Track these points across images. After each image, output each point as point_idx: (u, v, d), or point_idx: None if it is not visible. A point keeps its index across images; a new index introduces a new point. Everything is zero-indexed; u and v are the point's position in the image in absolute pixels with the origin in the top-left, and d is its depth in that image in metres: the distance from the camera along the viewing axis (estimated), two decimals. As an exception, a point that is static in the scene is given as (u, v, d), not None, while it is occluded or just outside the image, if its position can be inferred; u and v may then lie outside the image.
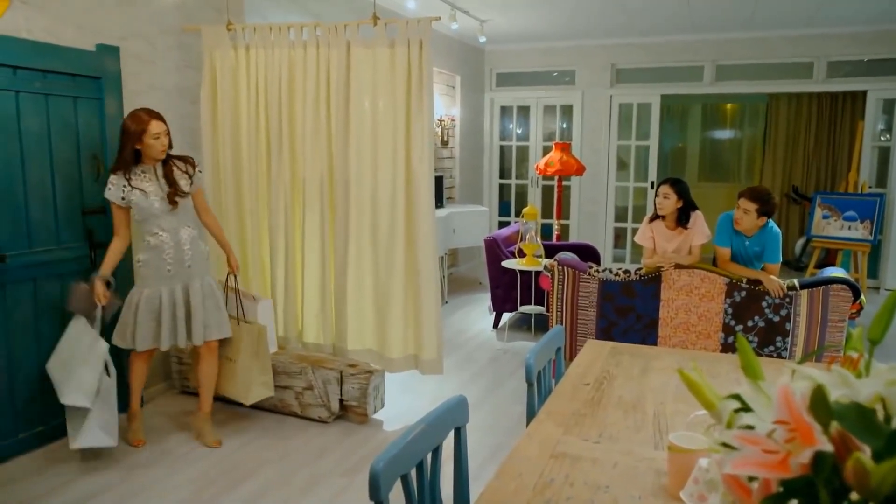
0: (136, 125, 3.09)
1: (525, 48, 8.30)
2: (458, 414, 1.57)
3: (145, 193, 3.15)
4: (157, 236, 3.19)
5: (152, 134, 3.10)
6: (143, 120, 3.10)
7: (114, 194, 3.14)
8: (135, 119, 3.10)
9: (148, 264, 3.20)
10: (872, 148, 7.46)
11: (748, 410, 0.78)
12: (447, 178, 7.56)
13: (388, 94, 3.62)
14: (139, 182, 3.16)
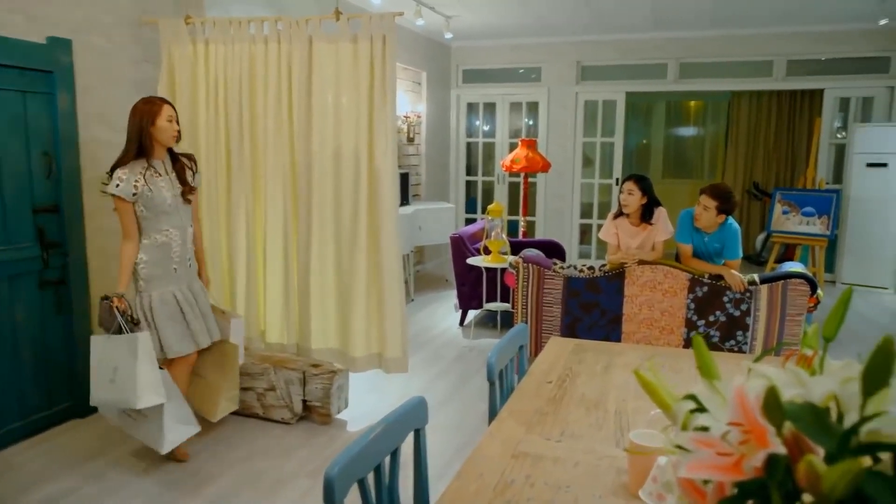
0: (148, 106, 2.96)
1: (491, 45, 8.29)
2: (418, 415, 1.54)
3: (158, 188, 2.97)
4: (166, 234, 3.04)
5: (166, 116, 2.96)
6: (155, 102, 2.98)
7: (124, 190, 2.90)
8: (147, 102, 2.98)
9: (154, 264, 3.01)
10: (829, 145, 7.63)
11: (704, 411, 0.77)
12: (413, 175, 7.52)
13: (350, 90, 3.57)
14: (150, 176, 2.97)
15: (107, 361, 2.92)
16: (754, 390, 0.69)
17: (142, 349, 2.85)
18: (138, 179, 2.93)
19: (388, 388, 4.10)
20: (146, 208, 2.97)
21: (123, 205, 2.94)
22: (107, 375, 2.90)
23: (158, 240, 3.02)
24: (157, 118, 2.95)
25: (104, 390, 2.92)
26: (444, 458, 3.18)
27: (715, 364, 0.80)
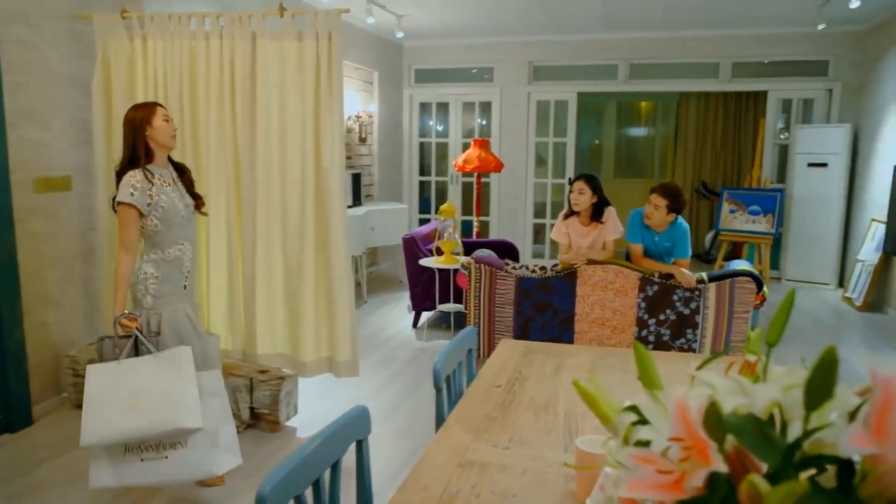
0: (140, 111, 2.73)
1: (444, 44, 8.25)
2: (360, 426, 1.48)
3: (171, 198, 2.71)
4: (180, 248, 2.77)
5: (161, 116, 2.73)
6: (146, 106, 2.77)
7: (139, 199, 2.61)
8: (137, 107, 2.76)
9: (165, 280, 2.72)
10: (773, 145, 7.82)
11: (646, 423, 0.73)
12: (365, 175, 7.42)
13: (296, 89, 3.48)
14: (162, 186, 2.70)
15: (118, 390, 2.48)
16: (696, 402, 0.65)
17: (185, 362, 2.52)
18: (152, 189, 2.66)
19: (339, 393, 4.02)
20: (160, 221, 2.69)
21: (132, 215, 2.63)
22: (118, 405, 2.45)
23: (171, 254, 2.74)
24: (153, 118, 2.72)
25: (110, 423, 2.44)
26: (395, 464, 3.12)
27: (657, 373, 0.76)
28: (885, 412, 0.59)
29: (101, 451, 2.51)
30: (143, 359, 2.54)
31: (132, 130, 2.71)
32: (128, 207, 2.62)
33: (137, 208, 2.62)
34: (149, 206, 2.65)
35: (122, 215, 2.64)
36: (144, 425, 2.43)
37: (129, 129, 2.72)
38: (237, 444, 2.66)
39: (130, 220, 2.64)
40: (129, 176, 2.64)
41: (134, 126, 2.71)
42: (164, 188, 2.71)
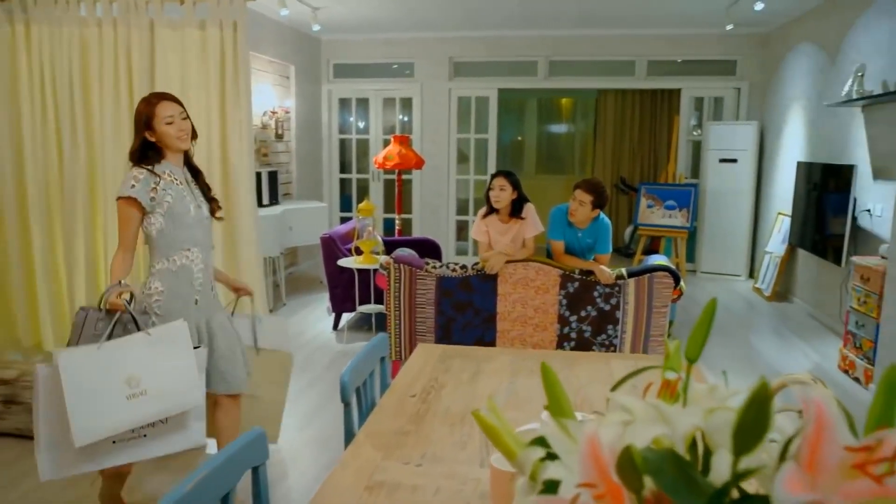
0: (144, 107, 2.43)
1: (363, 39, 8.07)
2: (255, 451, 1.34)
3: (181, 195, 2.43)
4: (187, 254, 2.45)
5: (162, 118, 2.40)
6: (150, 101, 2.44)
7: (140, 191, 2.33)
8: (142, 101, 2.47)
9: (172, 295, 2.42)
10: (687, 141, 8.05)
11: (555, 458, 0.64)
12: (283, 172, 7.17)
13: (200, 82, 3.27)
14: (169, 182, 2.42)
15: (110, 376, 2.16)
16: (610, 435, 0.56)
17: (181, 337, 2.26)
18: (156, 183, 2.38)
19: (253, 403, 3.81)
20: (165, 219, 2.39)
21: (132, 212, 2.35)
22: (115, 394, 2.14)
23: (177, 262, 2.43)
24: (153, 121, 2.40)
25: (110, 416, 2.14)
26: (311, 476, 2.97)
27: (567, 398, 0.67)
28: (818, 441, 0.51)
29: (59, 441, 2.16)
30: (130, 338, 2.22)
31: (137, 127, 2.45)
32: (127, 202, 2.33)
33: (139, 202, 2.33)
34: (152, 202, 2.36)
35: (122, 212, 2.36)
36: (152, 412, 2.17)
37: (135, 124, 2.47)
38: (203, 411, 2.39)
39: (128, 217, 2.36)
40: (132, 169, 2.39)
41: (139, 123, 2.44)
42: (172, 185, 2.42)
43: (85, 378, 2.12)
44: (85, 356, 2.14)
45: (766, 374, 1.73)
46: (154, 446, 2.28)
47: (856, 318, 4.36)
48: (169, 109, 2.42)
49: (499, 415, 0.65)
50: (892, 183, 4.41)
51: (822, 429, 0.50)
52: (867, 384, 4.12)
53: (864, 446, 0.50)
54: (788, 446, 0.51)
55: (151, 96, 2.47)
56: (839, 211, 5.17)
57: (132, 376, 2.16)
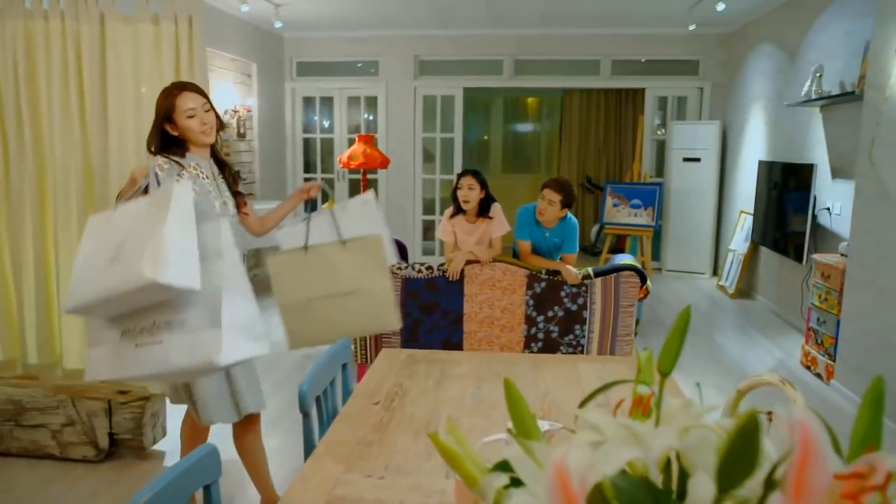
0: (164, 99, 2.27)
1: (327, 36, 7.96)
2: (206, 468, 1.27)
3: (205, 190, 2.25)
4: None
5: (183, 111, 2.24)
6: (169, 93, 2.27)
7: (163, 182, 2.13)
8: (161, 94, 2.31)
9: None
10: (651, 141, 8.11)
11: (520, 484, 0.59)
12: (246, 172, 7.03)
13: (154, 78, 3.14)
14: (194, 176, 2.25)
15: (105, 242, 1.90)
16: (579, 465, 0.51)
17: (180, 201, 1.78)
18: (181, 174, 2.20)
19: (214, 410, 3.70)
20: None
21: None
22: (102, 260, 1.87)
23: None
24: (174, 114, 2.24)
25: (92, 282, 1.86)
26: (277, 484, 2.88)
27: (533, 417, 0.62)
28: (805, 468, 0.47)
29: (99, 337, 1.96)
30: (138, 200, 1.98)
31: (156, 119, 2.30)
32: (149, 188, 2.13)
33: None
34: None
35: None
36: (115, 282, 1.81)
37: (155, 115, 2.31)
38: (263, 328, 1.82)
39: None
40: (155, 159, 2.22)
41: (158, 116, 2.29)
42: (198, 179, 2.26)
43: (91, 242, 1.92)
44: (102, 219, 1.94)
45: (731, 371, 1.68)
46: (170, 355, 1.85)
47: (817, 314, 4.42)
48: (190, 101, 2.26)
49: (458, 437, 0.60)
50: (850, 182, 4.48)
51: (808, 454, 0.46)
52: (828, 380, 4.18)
53: (854, 473, 0.45)
54: (774, 473, 0.47)
55: (172, 87, 2.30)
56: (800, 209, 5.24)
57: (124, 241, 1.85)
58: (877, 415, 0.54)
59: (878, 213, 3.75)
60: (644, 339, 5.05)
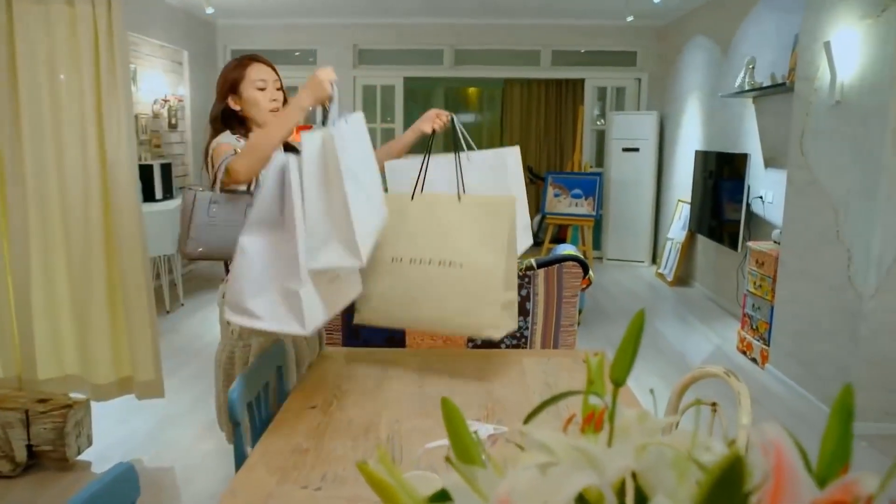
0: (229, 72, 2.04)
1: (262, 24, 7.71)
2: (123, 490, 1.16)
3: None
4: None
5: (253, 80, 2.01)
6: (239, 62, 2.05)
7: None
8: (229, 64, 2.09)
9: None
10: (591, 131, 8.18)
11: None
12: (178, 165, 6.75)
13: (70, 65, 2.94)
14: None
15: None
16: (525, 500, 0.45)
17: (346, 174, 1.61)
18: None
19: (144, 415, 3.52)
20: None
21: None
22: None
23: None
24: (241, 84, 2.01)
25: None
26: (206, 497, 2.76)
27: (474, 441, 0.56)
28: (778, 491, 0.42)
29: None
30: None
31: (220, 92, 2.06)
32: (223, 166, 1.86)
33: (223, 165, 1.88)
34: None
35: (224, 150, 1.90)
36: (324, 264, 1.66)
37: (218, 89, 2.07)
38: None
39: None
40: (222, 135, 1.97)
41: (222, 87, 2.05)
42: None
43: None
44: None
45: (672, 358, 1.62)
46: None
47: (752, 300, 4.53)
48: (262, 73, 2.04)
49: (390, 467, 0.53)
50: (781, 171, 4.59)
51: (783, 480, 0.41)
52: (763, 364, 4.29)
53: (832, 502, 0.40)
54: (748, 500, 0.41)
55: (242, 57, 2.09)
56: (734, 198, 5.36)
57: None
58: (846, 428, 0.49)
59: (808, 202, 3.85)
60: (587, 328, 5.09)
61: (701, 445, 0.55)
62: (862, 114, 3.38)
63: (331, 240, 1.53)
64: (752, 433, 0.43)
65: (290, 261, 1.48)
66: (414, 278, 1.85)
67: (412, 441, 1.54)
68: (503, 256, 1.79)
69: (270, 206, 1.49)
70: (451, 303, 1.83)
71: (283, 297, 1.47)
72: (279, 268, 1.48)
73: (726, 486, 0.35)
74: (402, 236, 1.91)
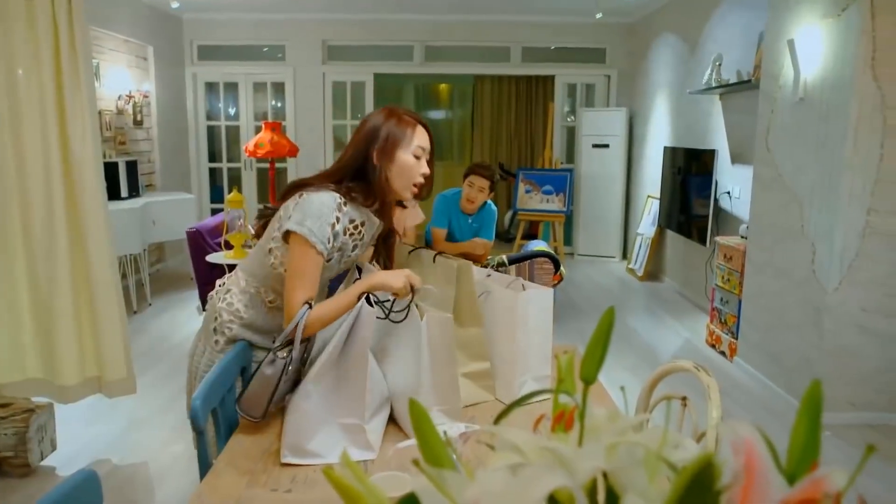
0: (384, 120, 1.68)
1: (230, 19, 7.60)
2: (84, 497, 1.13)
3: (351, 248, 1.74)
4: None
5: (413, 147, 1.69)
6: (402, 119, 1.69)
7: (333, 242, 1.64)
8: (389, 113, 1.70)
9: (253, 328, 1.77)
10: (562, 127, 8.23)
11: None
12: (144, 162, 6.62)
13: (29, 60, 2.85)
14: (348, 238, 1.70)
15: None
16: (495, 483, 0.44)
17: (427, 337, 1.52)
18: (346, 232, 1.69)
19: (113, 415, 3.46)
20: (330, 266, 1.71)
21: (319, 261, 1.61)
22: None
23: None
24: (399, 146, 1.67)
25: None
26: (181, 494, 2.71)
27: (443, 444, 0.55)
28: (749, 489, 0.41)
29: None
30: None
31: (366, 141, 1.68)
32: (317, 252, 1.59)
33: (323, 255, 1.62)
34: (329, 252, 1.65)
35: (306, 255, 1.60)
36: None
37: (364, 136, 1.69)
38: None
39: (316, 263, 1.61)
40: (333, 198, 1.63)
41: (375, 138, 1.67)
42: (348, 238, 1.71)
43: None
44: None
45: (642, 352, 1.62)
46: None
47: (720, 294, 4.59)
48: (425, 141, 1.71)
49: (357, 470, 0.52)
50: (748, 167, 4.67)
51: (754, 478, 0.41)
52: (732, 357, 4.35)
53: (802, 499, 0.40)
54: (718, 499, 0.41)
55: (406, 113, 1.73)
56: (702, 194, 5.44)
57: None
58: (815, 423, 0.49)
59: (773, 197, 3.92)
60: (558, 324, 5.10)
61: (671, 443, 0.54)
62: (824, 110, 3.44)
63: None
64: (722, 430, 0.42)
65: (353, 400, 1.48)
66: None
67: (384, 440, 1.52)
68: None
69: (336, 349, 1.49)
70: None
71: (345, 432, 1.47)
72: (338, 405, 1.49)
73: (698, 488, 0.35)
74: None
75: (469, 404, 1.72)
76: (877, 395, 3.44)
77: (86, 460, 3.01)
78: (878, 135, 3.24)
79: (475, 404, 1.74)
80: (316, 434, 1.44)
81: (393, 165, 1.67)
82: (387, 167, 1.67)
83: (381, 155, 1.66)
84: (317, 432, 1.45)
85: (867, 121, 3.23)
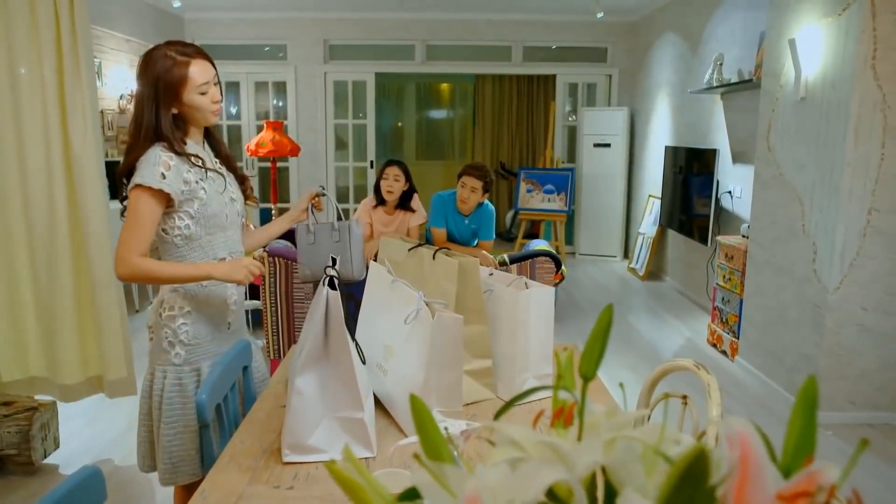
0: (166, 70, 1.68)
1: (231, 18, 7.61)
2: (88, 494, 1.14)
3: (213, 188, 1.79)
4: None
5: (198, 86, 1.71)
6: (176, 61, 1.69)
7: (172, 184, 1.68)
8: (162, 58, 1.69)
9: (201, 320, 1.84)
10: (563, 126, 8.23)
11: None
12: (146, 161, 6.63)
13: (30, 58, 2.87)
14: (200, 170, 1.77)
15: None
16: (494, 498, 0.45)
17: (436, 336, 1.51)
18: (189, 170, 1.73)
19: (113, 415, 3.47)
20: (195, 221, 1.77)
21: (155, 207, 1.69)
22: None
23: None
24: (183, 90, 1.70)
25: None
26: (181, 495, 2.72)
27: (443, 438, 0.55)
28: (744, 489, 0.42)
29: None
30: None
31: (159, 95, 1.69)
32: (151, 194, 1.66)
33: (169, 196, 1.69)
34: (184, 192, 1.72)
35: (140, 205, 1.68)
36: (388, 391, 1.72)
37: (154, 91, 1.69)
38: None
39: (152, 211, 1.69)
40: (154, 149, 1.69)
41: (168, 91, 1.69)
42: (203, 172, 1.77)
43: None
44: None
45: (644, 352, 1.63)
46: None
47: (721, 294, 4.60)
48: (206, 73, 1.73)
49: (359, 466, 0.52)
50: (749, 166, 4.67)
51: (749, 471, 0.41)
52: (733, 357, 4.36)
53: (797, 493, 0.41)
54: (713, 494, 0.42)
55: (177, 51, 1.71)
56: (704, 193, 5.44)
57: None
58: (810, 419, 0.50)
59: (775, 196, 3.92)
60: (560, 323, 5.11)
61: (670, 439, 0.55)
62: (825, 110, 3.44)
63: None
64: (720, 426, 0.43)
65: (346, 391, 1.45)
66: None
67: (386, 438, 1.53)
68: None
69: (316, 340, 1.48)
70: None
71: (344, 426, 1.46)
72: (333, 398, 1.46)
73: (691, 479, 0.35)
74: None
75: (470, 402, 1.73)
76: (877, 394, 3.44)
77: (88, 459, 3.02)
78: (878, 134, 3.24)
79: (476, 402, 1.75)
80: (315, 429, 1.45)
81: (184, 107, 1.74)
82: (181, 109, 1.74)
83: (168, 105, 1.70)
84: (316, 427, 1.45)
85: (868, 120, 3.23)
